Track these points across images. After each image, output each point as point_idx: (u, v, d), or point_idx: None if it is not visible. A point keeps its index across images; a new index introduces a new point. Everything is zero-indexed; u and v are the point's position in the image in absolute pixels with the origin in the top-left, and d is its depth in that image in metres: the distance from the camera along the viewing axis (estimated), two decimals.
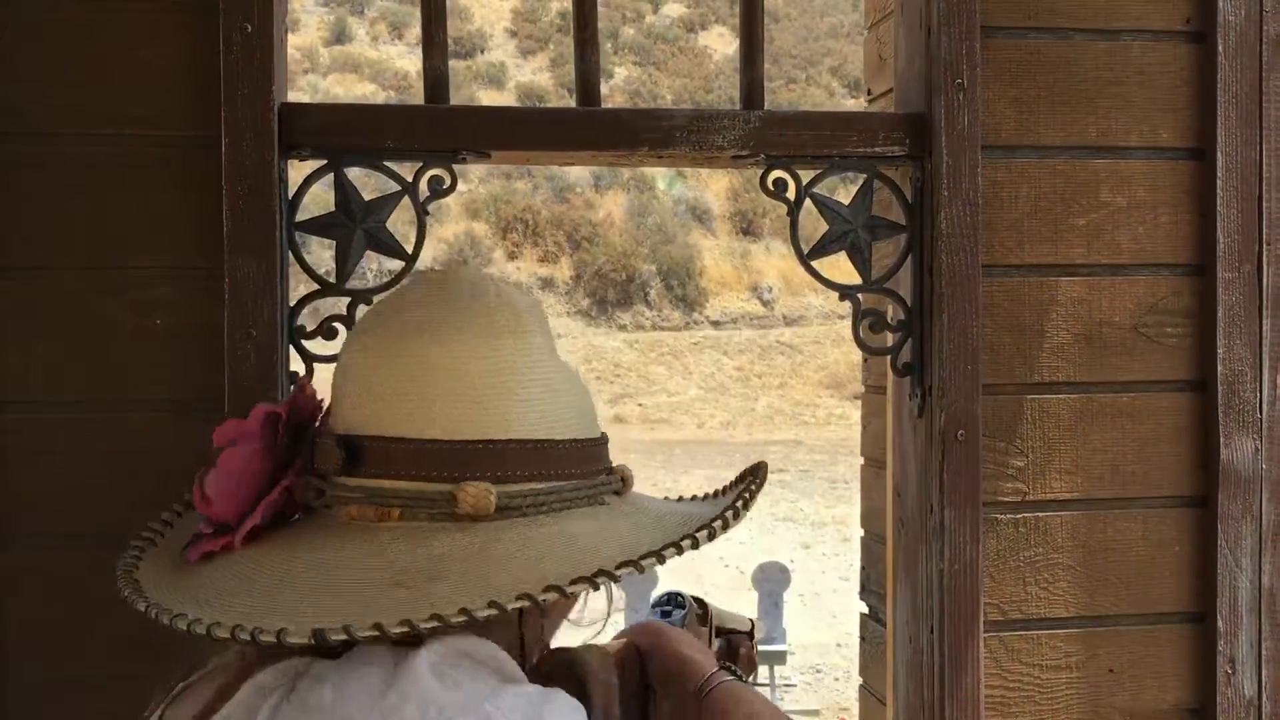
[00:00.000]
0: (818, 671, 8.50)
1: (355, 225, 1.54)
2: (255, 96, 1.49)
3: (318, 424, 1.04)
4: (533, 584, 0.86)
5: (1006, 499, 1.72)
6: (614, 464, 1.07)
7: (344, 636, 0.82)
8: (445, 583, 0.88)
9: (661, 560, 0.90)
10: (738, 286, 26.69)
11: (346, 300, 1.54)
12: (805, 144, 1.62)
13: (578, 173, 26.33)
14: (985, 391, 1.66)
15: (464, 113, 1.59)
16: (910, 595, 1.73)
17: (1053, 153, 1.72)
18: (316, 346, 1.53)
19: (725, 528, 0.96)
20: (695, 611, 1.34)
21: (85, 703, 1.52)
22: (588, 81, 1.64)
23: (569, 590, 0.87)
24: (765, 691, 7.41)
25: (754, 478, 1.11)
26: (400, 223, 1.53)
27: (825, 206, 1.64)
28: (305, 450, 1.01)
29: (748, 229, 27.67)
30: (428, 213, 1.55)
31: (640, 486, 1.10)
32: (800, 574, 9.57)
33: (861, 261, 1.65)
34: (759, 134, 1.61)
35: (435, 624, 0.82)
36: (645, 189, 27.43)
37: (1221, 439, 1.72)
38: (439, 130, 1.56)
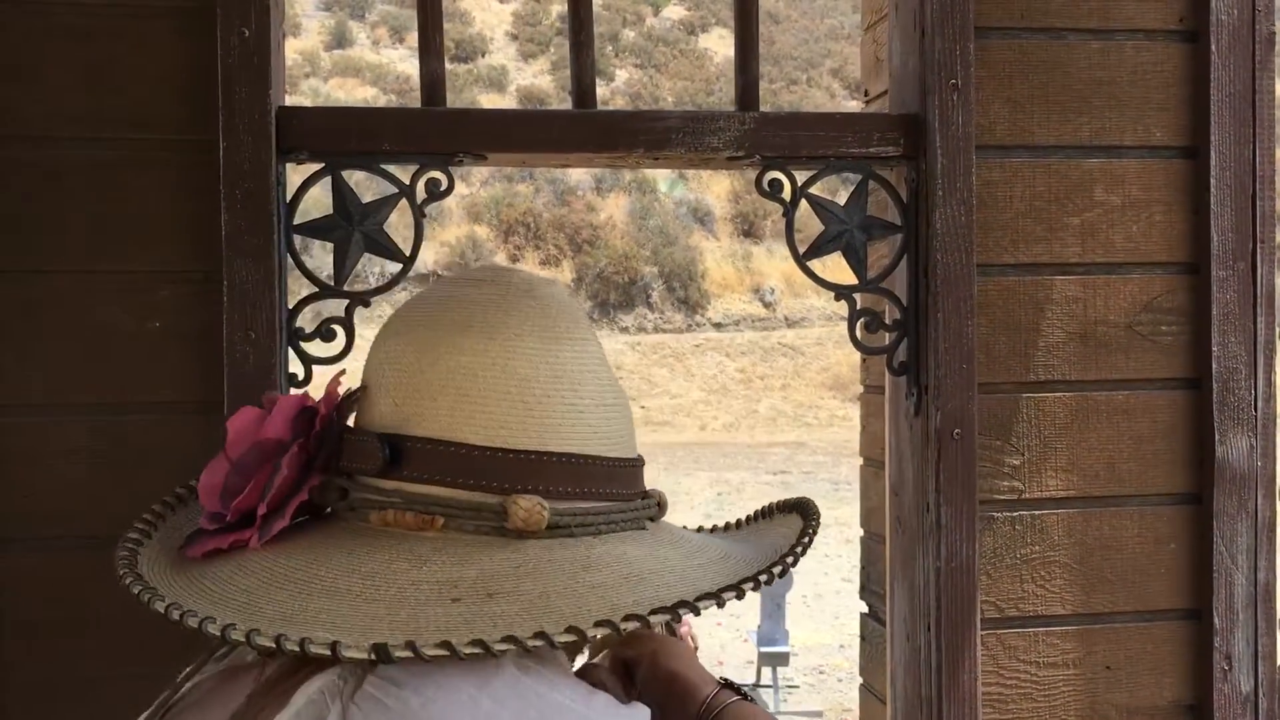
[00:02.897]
0: (821, 673, 8.50)
1: (353, 228, 1.55)
2: (253, 100, 1.50)
3: (339, 417, 0.95)
4: (606, 611, 0.80)
5: (1002, 497, 1.73)
6: (648, 487, 1.01)
7: (409, 654, 0.74)
8: (504, 601, 0.81)
9: (723, 601, 0.85)
10: (740, 288, 26.68)
11: (345, 302, 1.55)
12: (800, 145, 1.63)
13: (579, 175, 26.34)
14: (981, 390, 1.67)
15: (460, 115, 1.60)
16: (907, 593, 1.73)
17: (1047, 152, 1.73)
18: (315, 348, 1.54)
19: (783, 572, 0.92)
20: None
21: (85, 703, 1.53)
22: (583, 83, 1.65)
23: (651, 619, 0.80)
24: (768, 693, 7.41)
25: (808, 521, 1.04)
26: (399, 225, 1.54)
27: (821, 207, 1.65)
28: (328, 447, 0.92)
29: (749, 231, 27.67)
30: (425, 214, 1.56)
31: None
32: (803, 576, 9.57)
33: (857, 261, 1.65)
34: (754, 135, 1.62)
35: (510, 647, 0.76)
36: (647, 191, 27.43)
37: (1217, 436, 1.73)
38: (435, 133, 1.57)
